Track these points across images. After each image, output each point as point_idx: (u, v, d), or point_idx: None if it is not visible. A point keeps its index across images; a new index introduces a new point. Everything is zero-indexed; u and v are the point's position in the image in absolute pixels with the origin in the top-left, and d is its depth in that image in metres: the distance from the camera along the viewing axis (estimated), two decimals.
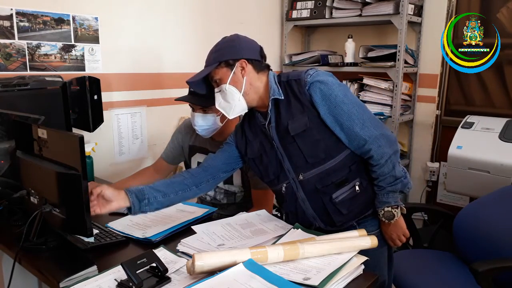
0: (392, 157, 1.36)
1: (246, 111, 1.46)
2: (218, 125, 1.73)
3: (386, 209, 1.39)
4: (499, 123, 2.39)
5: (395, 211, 1.39)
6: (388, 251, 1.54)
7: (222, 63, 1.39)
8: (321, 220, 1.44)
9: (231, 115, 1.45)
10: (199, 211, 1.57)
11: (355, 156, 1.39)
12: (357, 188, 1.39)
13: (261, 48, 1.46)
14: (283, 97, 1.38)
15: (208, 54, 1.47)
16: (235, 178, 1.80)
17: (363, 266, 1.18)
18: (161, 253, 1.21)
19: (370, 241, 1.23)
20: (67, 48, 2.01)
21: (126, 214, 1.58)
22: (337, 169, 1.37)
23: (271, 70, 1.47)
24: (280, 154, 1.42)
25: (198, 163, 1.87)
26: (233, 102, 1.41)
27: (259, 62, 1.42)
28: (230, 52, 1.40)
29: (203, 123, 1.71)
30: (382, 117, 2.78)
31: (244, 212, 1.52)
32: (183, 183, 1.45)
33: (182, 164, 2.06)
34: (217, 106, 1.45)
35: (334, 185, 1.38)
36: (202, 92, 1.50)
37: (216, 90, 1.44)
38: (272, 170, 1.46)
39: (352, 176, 1.39)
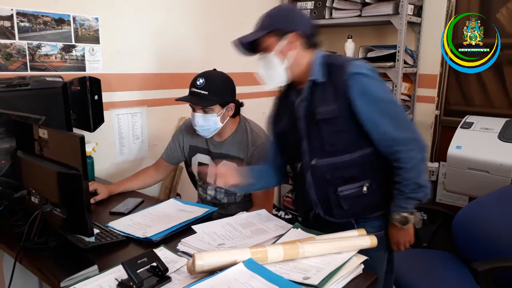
0: (420, 164, 1.34)
1: (284, 84, 1.45)
2: (218, 125, 1.73)
3: (402, 214, 1.37)
4: (498, 123, 2.40)
5: (410, 217, 1.38)
6: (389, 255, 1.53)
7: (272, 32, 1.36)
8: (322, 208, 1.44)
9: (268, 85, 1.44)
10: (199, 210, 1.57)
11: (372, 157, 1.37)
12: (365, 189, 1.38)
13: (314, 25, 1.43)
14: (321, 80, 1.36)
15: (260, 17, 1.44)
16: None
17: (362, 266, 1.18)
18: (162, 252, 1.21)
19: (370, 241, 1.23)
20: (68, 48, 2.02)
21: (126, 214, 1.59)
22: (350, 165, 1.36)
23: (320, 49, 1.43)
24: (301, 134, 1.42)
25: (199, 163, 1.87)
26: (273, 72, 1.39)
27: (309, 39, 1.39)
28: (284, 22, 1.37)
29: (204, 123, 1.72)
30: None
31: (244, 211, 1.53)
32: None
33: (182, 164, 2.07)
34: (257, 71, 1.44)
35: (342, 179, 1.37)
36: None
37: (259, 57, 1.43)
38: (292, 148, 1.47)
39: (363, 175, 1.37)
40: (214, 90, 1.70)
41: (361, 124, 1.33)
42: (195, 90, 1.69)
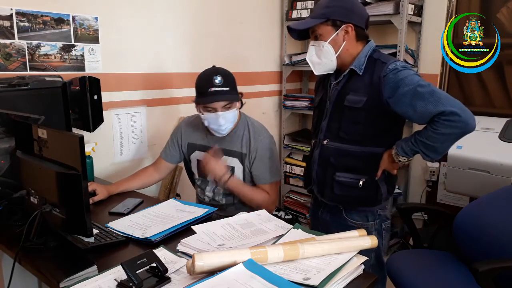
0: (453, 137, 1.34)
1: (332, 72, 1.50)
2: (236, 119, 1.76)
3: (401, 156, 1.41)
4: (499, 123, 2.39)
5: (404, 161, 1.41)
6: (376, 252, 1.56)
7: (329, 21, 1.40)
8: (317, 185, 1.54)
9: (317, 71, 1.49)
10: (199, 211, 1.57)
11: (380, 157, 1.43)
12: (360, 183, 1.44)
13: (368, 17, 1.47)
14: (361, 73, 1.41)
15: (317, 5, 1.46)
16: (236, 175, 1.80)
17: (363, 266, 1.18)
18: (161, 253, 1.20)
19: (370, 241, 1.23)
20: (67, 48, 2.01)
21: (126, 215, 1.59)
22: (357, 157, 1.42)
23: (371, 41, 1.48)
24: (325, 113, 1.49)
25: (198, 160, 1.87)
26: (325, 60, 1.44)
27: (362, 30, 1.44)
28: (341, 13, 1.40)
29: (228, 120, 1.71)
30: None
31: (244, 212, 1.52)
32: None
33: (182, 164, 2.07)
34: (307, 58, 1.49)
35: (344, 167, 1.45)
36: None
37: (311, 43, 1.47)
38: (315, 123, 1.57)
39: (363, 170, 1.44)
40: (232, 84, 1.71)
41: (386, 120, 1.39)
42: (216, 89, 1.66)
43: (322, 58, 1.44)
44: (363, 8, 1.48)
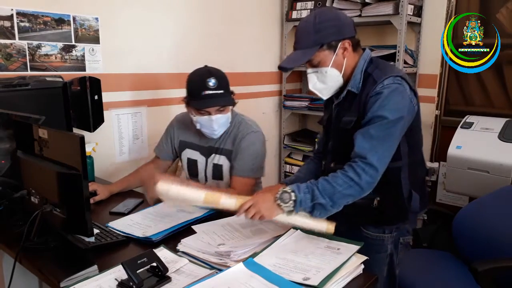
0: (353, 187, 1.22)
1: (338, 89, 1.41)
2: (229, 121, 1.73)
3: (291, 200, 1.23)
4: (498, 123, 2.40)
5: (289, 207, 1.23)
6: (390, 260, 1.47)
7: (325, 45, 1.29)
8: None
9: (326, 96, 1.40)
10: (199, 211, 1.57)
11: (390, 174, 1.31)
12: (375, 202, 1.35)
13: (353, 22, 1.37)
14: (358, 92, 1.32)
15: (299, 33, 1.34)
16: (224, 173, 1.79)
17: (363, 266, 1.18)
18: (162, 252, 1.21)
19: (326, 225, 1.23)
20: (68, 49, 2.02)
21: (126, 214, 1.59)
22: None
23: (366, 50, 1.38)
24: (330, 134, 1.43)
25: (188, 159, 1.86)
26: (331, 84, 1.36)
27: (355, 38, 1.34)
28: (333, 33, 1.30)
29: (222, 124, 1.69)
30: None
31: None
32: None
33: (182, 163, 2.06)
34: (311, 87, 1.38)
35: None
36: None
37: (309, 70, 1.37)
38: (323, 144, 1.50)
39: (374, 189, 1.31)
40: (226, 86, 1.68)
41: None
42: (210, 92, 1.63)
43: (327, 82, 1.35)
44: (346, 15, 1.38)
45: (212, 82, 1.63)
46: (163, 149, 1.93)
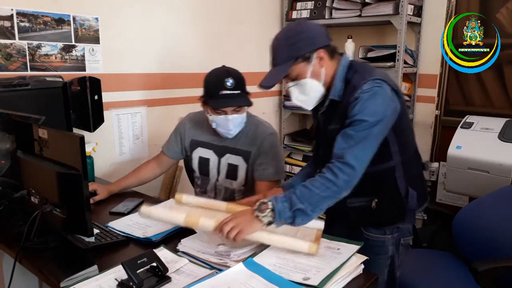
0: (332, 189, 1.20)
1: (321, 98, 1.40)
2: (245, 120, 1.73)
3: (268, 212, 1.19)
4: (498, 123, 2.40)
5: (268, 219, 1.19)
6: (391, 262, 1.46)
7: (299, 58, 1.30)
8: (330, 216, 1.49)
9: (310, 107, 1.41)
10: None
11: (385, 174, 1.33)
12: (373, 204, 1.36)
13: (327, 30, 1.36)
14: (340, 99, 1.32)
15: (274, 50, 1.35)
16: (239, 173, 1.78)
17: (362, 266, 1.18)
18: (162, 252, 1.21)
19: (308, 248, 1.17)
20: (68, 49, 2.02)
21: (126, 214, 1.59)
22: (360, 180, 1.26)
23: (342, 54, 1.37)
24: (320, 142, 1.44)
25: (200, 157, 1.86)
26: (314, 94, 1.36)
27: (330, 46, 1.34)
28: (306, 44, 1.30)
29: (238, 123, 1.69)
30: None
31: None
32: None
33: (182, 163, 2.06)
34: (294, 100, 1.39)
35: (351, 192, 1.29)
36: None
37: (290, 84, 1.38)
38: (316, 151, 1.51)
39: (371, 191, 1.34)
40: (243, 87, 1.68)
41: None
42: (228, 92, 1.63)
43: (309, 94, 1.36)
44: (319, 26, 1.37)
45: (229, 82, 1.63)
46: (172, 147, 1.91)
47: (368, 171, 1.26)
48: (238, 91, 1.64)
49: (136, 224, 1.48)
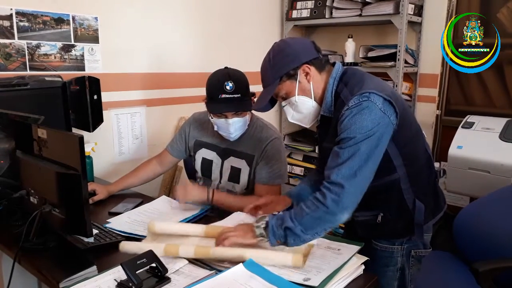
0: (324, 213, 1.15)
1: (318, 111, 1.37)
2: (247, 124, 1.72)
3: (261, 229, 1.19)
4: (499, 123, 2.39)
5: (263, 234, 1.18)
6: (400, 275, 1.40)
7: (284, 77, 1.29)
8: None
9: (308, 124, 1.39)
10: (194, 208, 1.59)
11: (390, 188, 1.30)
12: (379, 218, 1.33)
13: (313, 43, 1.34)
14: (331, 115, 1.30)
15: (261, 72, 1.36)
16: (242, 177, 1.77)
17: (363, 266, 1.18)
18: None
19: (292, 261, 1.13)
20: (67, 48, 2.01)
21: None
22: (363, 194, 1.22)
23: (334, 68, 1.33)
24: (321, 156, 1.43)
25: (203, 159, 1.85)
26: (307, 111, 1.34)
27: (318, 59, 1.31)
28: (288, 62, 1.28)
29: (239, 127, 1.68)
30: None
31: (242, 212, 1.52)
32: None
33: (181, 163, 2.06)
34: (290, 119, 1.38)
35: (357, 206, 1.25)
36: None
37: (283, 103, 1.36)
38: (320, 163, 1.48)
39: (376, 205, 1.31)
40: (244, 90, 1.66)
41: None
42: (227, 96, 1.61)
43: (302, 111, 1.34)
44: (301, 39, 1.36)
45: (229, 85, 1.62)
46: (177, 146, 1.90)
47: (372, 184, 1.21)
48: (238, 95, 1.63)
49: (133, 221, 1.48)
